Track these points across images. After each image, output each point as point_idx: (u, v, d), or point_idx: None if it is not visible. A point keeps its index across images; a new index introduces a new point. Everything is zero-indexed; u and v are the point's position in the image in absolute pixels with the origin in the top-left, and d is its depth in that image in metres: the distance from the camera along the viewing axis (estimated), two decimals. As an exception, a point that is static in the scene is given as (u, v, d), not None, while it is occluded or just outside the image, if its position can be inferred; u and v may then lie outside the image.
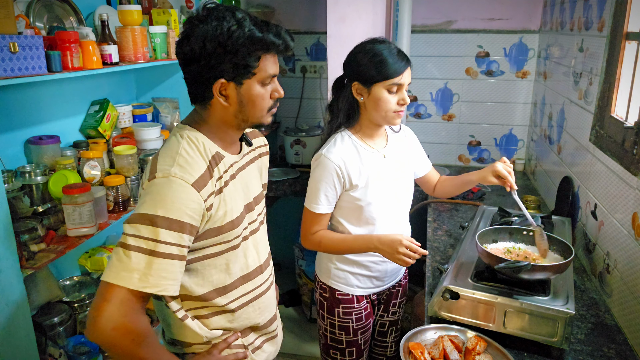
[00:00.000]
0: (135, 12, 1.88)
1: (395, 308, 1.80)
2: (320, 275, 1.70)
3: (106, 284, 0.95)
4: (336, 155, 1.48)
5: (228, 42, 1.00)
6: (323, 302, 1.69)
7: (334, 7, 2.21)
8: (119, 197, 1.87)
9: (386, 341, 1.85)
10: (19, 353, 1.44)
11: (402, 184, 1.63)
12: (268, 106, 1.11)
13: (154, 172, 1.02)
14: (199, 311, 1.16)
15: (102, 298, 0.95)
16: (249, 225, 1.20)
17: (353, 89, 1.49)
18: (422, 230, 2.24)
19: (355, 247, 1.54)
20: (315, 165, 1.51)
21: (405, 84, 1.46)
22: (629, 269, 1.43)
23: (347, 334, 1.67)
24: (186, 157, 1.04)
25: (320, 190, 1.50)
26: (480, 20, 2.89)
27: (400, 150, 1.65)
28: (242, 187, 1.18)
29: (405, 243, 1.42)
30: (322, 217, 1.54)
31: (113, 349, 0.96)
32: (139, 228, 0.97)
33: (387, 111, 1.47)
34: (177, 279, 1.01)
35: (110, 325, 0.93)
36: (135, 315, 0.97)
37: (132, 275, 0.94)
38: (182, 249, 1.01)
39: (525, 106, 2.96)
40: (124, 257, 0.95)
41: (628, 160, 1.46)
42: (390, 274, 1.68)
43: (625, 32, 1.60)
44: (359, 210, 1.54)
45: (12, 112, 1.72)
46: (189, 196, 1.00)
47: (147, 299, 1.01)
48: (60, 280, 1.94)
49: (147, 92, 2.43)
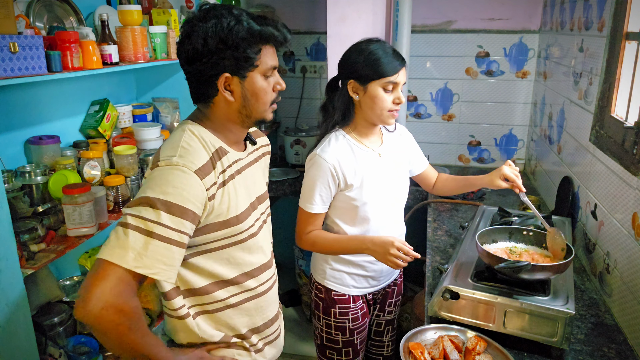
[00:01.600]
0: (135, 12, 1.88)
1: (391, 307, 1.80)
2: (315, 275, 1.69)
3: (100, 261, 0.93)
4: (330, 154, 1.48)
5: (229, 37, 1.02)
6: (319, 303, 1.68)
7: (334, 7, 2.21)
8: (119, 197, 1.87)
9: (383, 341, 1.85)
10: (19, 353, 1.44)
11: (398, 183, 1.63)
12: (271, 99, 1.14)
13: (156, 162, 1.04)
14: (205, 307, 1.16)
15: (95, 276, 0.92)
16: (255, 222, 1.21)
17: (349, 87, 1.49)
18: (422, 230, 2.24)
19: (349, 248, 1.53)
20: (310, 165, 1.52)
21: (401, 83, 1.47)
22: (629, 269, 1.43)
23: (344, 334, 1.67)
24: (188, 148, 1.06)
25: (315, 190, 1.50)
26: (480, 20, 2.88)
27: (396, 149, 1.64)
28: (246, 184, 1.19)
29: (397, 245, 1.41)
30: (317, 217, 1.54)
31: (100, 328, 0.92)
32: (140, 209, 0.96)
33: (383, 109, 1.47)
34: (173, 265, 1.00)
35: (100, 304, 0.90)
36: (126, 296, 0.93)
37: (127, 254, 0.93)
38: (182, 235, 1.00)
39: (525, 106, 2.96)
40: (122, 235, 0.94)
41: (628, 160, 1.46)
42: (385, 274, 1.68)
43: (625, 32, 1.60)
44: (354, 210, 1.54)
45: (12, 112, 1.72)
46: (191, 182, 1.01)
47: (141, 282, 0.98)
48: (60, 280, 1.94)
49: (147, 92, 2.43)
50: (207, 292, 1.15)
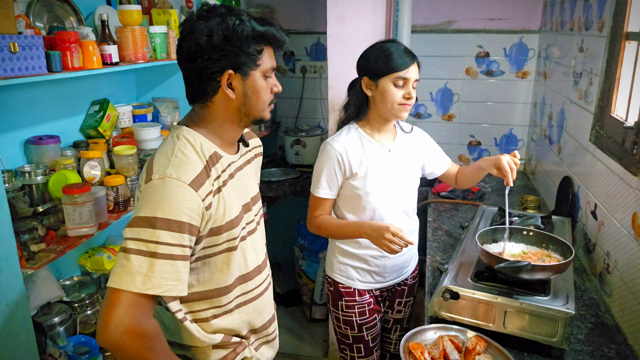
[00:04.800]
0: (135, 12, 1.88)
1: (400, 307, 1.82)
2: (327, 268, 1.77)
3: (111, 290, 0.96)
4: (339, 143, 1.57)
5: (233, 35, 1.04)
6: (329, 296, 1.75)
7: (334, 7, 2.21)
8: (119, 197, 1.87)
9: (390, 338, 1.87)
10: (19, 353, 1.44)
11: (405, 180, 1.66)
12: (269, 100, 1.15)
13: (150, 174, 1.03)
14: (199, 314, 1.16)
15: (109, 303, 0.95)
16: (247, 225, 1.20)
17: (363, 84, 1.57)
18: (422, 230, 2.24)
19: (348, 232, 1.60)
20: (320, 153, 1.61)
21: (412, 79, 1.53)
22: (629, 269, 1.43)
23: (352, 329, 1.71)
24: (182, 158, 1.05)
25: (323, 175, 1.58)
26: (480, 20, 2.89)
27: (409, 148, 1.68)
28: (239, 187, 1.18)
29: (392, 230, 1.45)
30: (324, 202, 1.61)
31: (123, 352, 0.96)
32: (139, 231, 0.97)
33: (393, 103, 1.52)
34: (182, 279, 1.01)
35: (119, 329, 0.93)
36: (143, 319, 0.97)
37: (135, 279, 0.95)
38: (184, 249, 1.01)
39: (525, 106, 2.96)
40: (125, 261, 0.96)
41: (628, 160, 1.46)
42: (390, 271, 1.70)
43: (625, 32, 1.60)
44: (358, 199, 1.59)
45: (12, 112, 1.72)
46: (187, 196, 1.00)
47: (155, 302, 1.00)
48: (60, 280, 1.93)
49: (147, 92, 2.43)
50: (203, 298, 1.15)
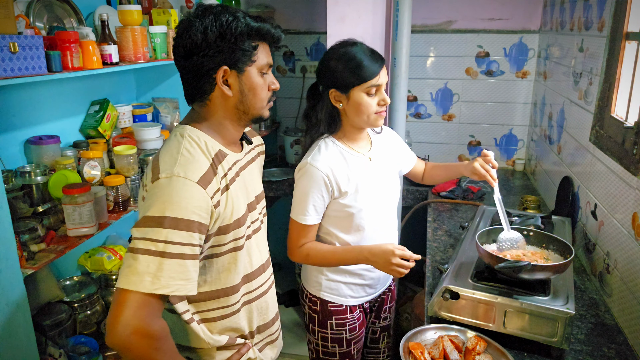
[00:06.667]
0: (135, 12, 1.88)
1: (386, 313, 1.76)
2: (309, 288, 1.61)
3: (120, 290, 0.95)
4: (322, 163, 1.42)
5: (227, 31, 1.04)
6: (314, 316, 1.61)
7: (334, 7, 2.21)
8: (119, 197, 1.87)
9: (379, 347, 1.81)
10: (19, 353, 1.44)
11: (390, 186, 1.59)
12: (267, 97, 1.15)
13: (156, 173, 1.02)
14: (206, 314, 1.16)
15: (118, 304, 0.95)
16: (252, 224, 1.20)
17: (331, 97, 1.44)
18: (422, 230, 2.24)
19: (346, 259, 1.47)
20: (301, 175, 1.45)
21: (383, 84, 1.41)
22: (629, 269, 1.43)
23: (340, 346, 1.61)
24: (188, 156, 1.05)
25: (309, 200, 1.44)
26: (480, 20, 2.89)
27: (385, 151, 1.61)
28: (244, 185, 1.18)
29: (398, 253, 1.36)
30: (311, 229, 1.49)
31: (131, 353, 0.95)
32: (147, 231, 0.96)
33: (369, 114, 1.42)
34: (191, 278, 1.01)
35: (128, 330, 0.93)
36: (151, 319, 0.96)
37: (143, 279, 0.94)
38: (193, 247, 1.00)
39: (525, 106, 2.96)
40: (133, 262, 0.95)
41: (628, 160, 1.46)
42: (381, 281, 1.64)
43: (625, 32, 1.60)
44: (350, 217, 1.49)
45: (12, 112, 1.72)
46: (195, 194, 1.00)
47: (163, 302, 1.00)
48: (60, 280, 1.93)
49: (147, 92, 2.43)
50: (211, 297, 1.15)
